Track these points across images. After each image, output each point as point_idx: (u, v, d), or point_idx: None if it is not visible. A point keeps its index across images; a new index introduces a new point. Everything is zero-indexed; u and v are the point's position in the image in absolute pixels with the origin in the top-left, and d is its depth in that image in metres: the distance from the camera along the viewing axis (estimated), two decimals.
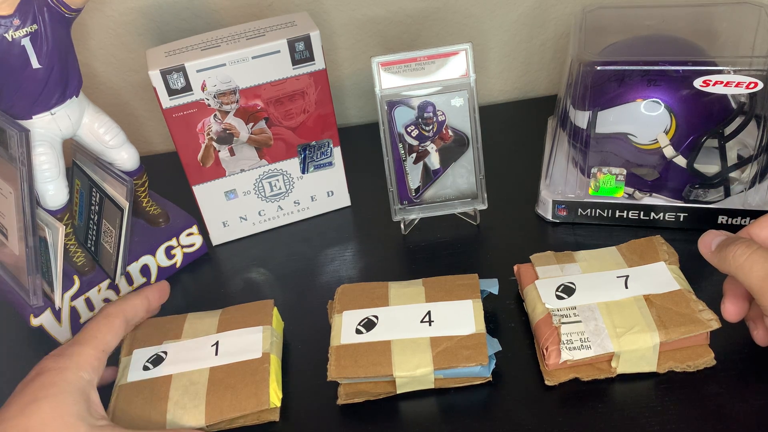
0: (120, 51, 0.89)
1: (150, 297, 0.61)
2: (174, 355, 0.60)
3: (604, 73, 0.68)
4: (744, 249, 0.51)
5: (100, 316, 0.56)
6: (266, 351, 0.59)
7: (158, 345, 0.61)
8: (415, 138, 0.71)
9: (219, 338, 0.61)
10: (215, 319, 0.63)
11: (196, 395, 0.57)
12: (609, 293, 0.60)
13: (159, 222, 0.76)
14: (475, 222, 0.76)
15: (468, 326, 0.59)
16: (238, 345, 0.60)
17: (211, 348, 0.60)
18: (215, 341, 0.60)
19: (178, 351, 0.60)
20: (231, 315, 0.63)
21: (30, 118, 0.64)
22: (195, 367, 0.59)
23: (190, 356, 0.59)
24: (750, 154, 0.69)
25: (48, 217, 0.67)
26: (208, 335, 0.61)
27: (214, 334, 0.61)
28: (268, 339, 0.60)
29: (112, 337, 0.55)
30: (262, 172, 0.76)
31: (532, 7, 0.91)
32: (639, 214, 0.72)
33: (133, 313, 0.59)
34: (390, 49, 0.92)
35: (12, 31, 0.59)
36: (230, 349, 0.60)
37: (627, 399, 0.56)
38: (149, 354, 0.60)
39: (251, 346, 0.60)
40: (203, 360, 0.59)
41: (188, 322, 0.63)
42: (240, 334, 0.61)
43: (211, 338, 0.61)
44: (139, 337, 0.62)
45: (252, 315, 0.63)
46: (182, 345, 0.61)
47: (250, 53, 0.68)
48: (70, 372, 0.50)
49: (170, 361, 0.59)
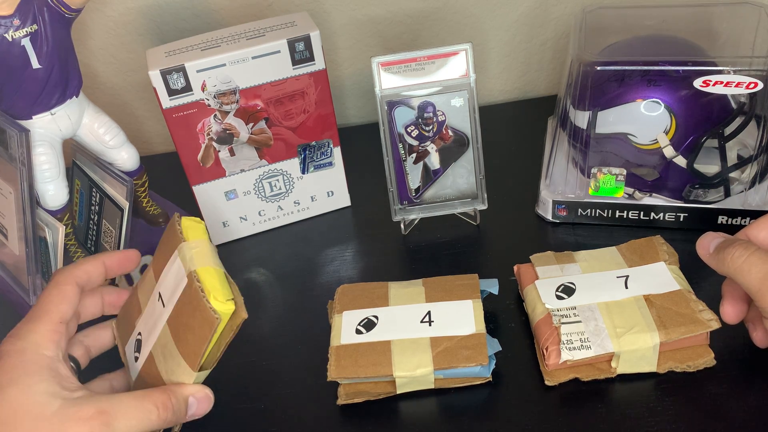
0: (120, 51, 0.89)
1: (107, 262, 0.57)
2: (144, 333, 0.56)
3: (604, 73, 0.68)
4: (742, 251, 0.51)
5: (51, 286, 0.53)
6: (189, 271, 0.53)
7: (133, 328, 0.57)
8: (415, 138, 0.71)
9: (158, 290, 0.56)
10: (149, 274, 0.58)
11: (172, 355, 0.53)
12: (609, 293, 0.60)
13: (159, 222, 0.76)
14: (475, 222, 0.76)
15: (468, 326, 0.59)
16: (169, 285, 0.55)
17: (158, 303, 0.55)
18: (158, 294, 0.56)
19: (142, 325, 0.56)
20: (156, 258, 0.58)
21: (30, 118, 0.64)
22: (158, 331, 0.54)
23: (152, 322, 0.55)
24: (750, 154, 0.69)
25: (48, 217, 0.67)
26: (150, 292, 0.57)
27: (154, 288, 0.56)
28: (185, 258, 0.54)
29: (66, 306, 0.52)
30: (262, 172, 0.76)
31: (532, 7, 0.91)
32: (639, 214, 0.72)
33: (85, 278, 0.55)
34: (390, 49, 0.92)
35: (12, 31, 0.59)
36: (166, 295, 0.55)
37: (627, 399, 0.56)
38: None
39: (175, 276, 0.54)
40: (159, 318, 0.55)
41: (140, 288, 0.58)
42: (166, 275, 0.56)
43: (155, 293, 0.56)
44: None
45: (166, 245, 0.57)
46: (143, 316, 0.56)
47: (250, 53, 0.68)
48: (29, 352, 0.49)
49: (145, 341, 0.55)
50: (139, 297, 0.58)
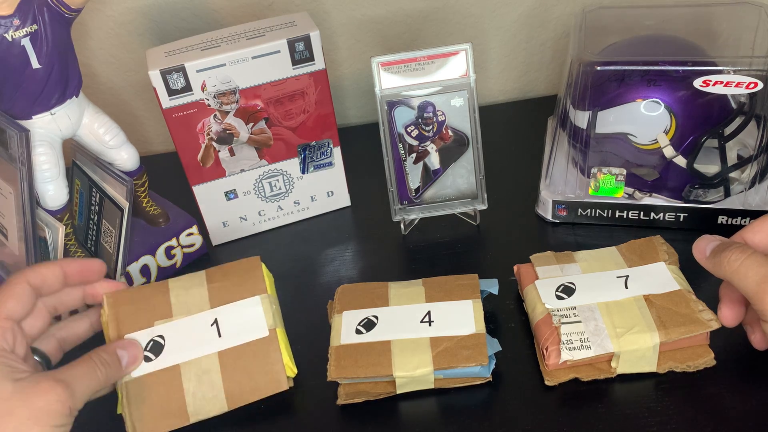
0: (120, 51, 0.89)
1: (66, 268, 0.57)
2: (173, 340, 0.58)
3: (604, 73, 0.68)
4: (738, 254, 0.51)
5: (2, 285, 0.55)
6: (271, 327, 0.58)
7: (150, 327, 0.58)
8: (415, 138, 0.71)
9: (216, 315, 0.59)
10: (203, 290, 0.60)
11: (213, 385, 0.57)
12: (609, 293, 0.60)
13: (159, 222, 0.76)
14: (475, 222, 0.76)
15: (468, 326, 0.59)
16: (239, 323, 0.58)
17: (212, 328, 0.58)
18: (213, 319, 0.58)
19: (176, 333, 0.58)
20: (219, 282, 0.60)
21: (30, 118, 0.64)
22: (201, 353, 0.57)
23: (191, 340, 0.58)
24: (750, 154, 0.69)
25: (48, 217, 0.67)
26: (202, 311, 0.59)
27: (209, 309, 0.59)
28: (269, 311, 0.59)
29: (14, 303, 0.53)
30: (262, 172, 0.76)
31: (532, 7, 0.91)
32: (639, 214, 0.72)
33: (39, 280, 0.56)
34: (390, 49, 0.92)
35: (12, 31, 0.59)
36: (233, 329, 0.58)
37: (627, 399, 0.57)
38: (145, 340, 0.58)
39: (254, 322, 0.58)
40: (208, 343, 0.58)
41: (174, 294, 0.59)
42: (238, 309, 0.59)
43: (208, 315, 0.59)
44: (124, 317, 0.58)
45: (242, 281, 0.60)
46: (176, 325, 0.58)
47: (250, 53, 0.68)
48: None
49: (172, 349, 0.57)
50: (172, 301, 0.59)
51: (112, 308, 0.58)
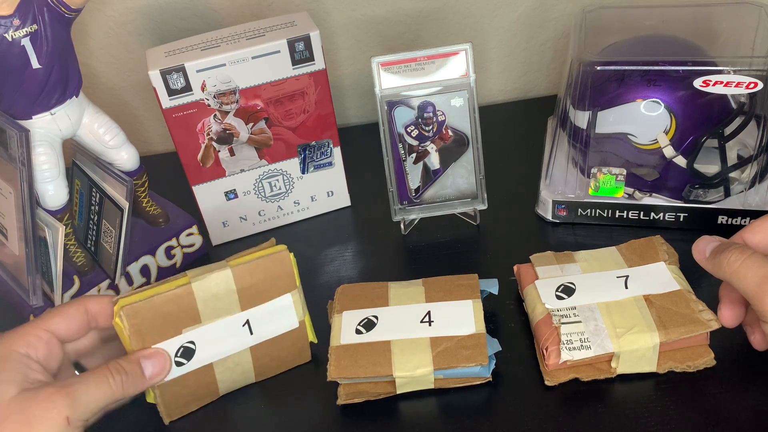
0: (120, 51, 0.89)
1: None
2: (204, 344, 0.57)
3: (604, 73, 0.68)
4: (738, 255, 0.51)
5: (62, 304, 0.56)
6: (301, 319, 0.61)
7: (179, 335, 0.56)
8: (415, 138, 0.71)
9: (248, 317, 0.58)
10: (233, 293, 0.57)
11: (244, 371, 0.61)
12: (609, 293, 0.60)
13: (159, 222, 0.76)
14: (475, 222, 0.76)
15: (468, 326, 0.59)
16: (271, 320, 0.59)
17: (243, 328, 0.59)
18: (245, 320, 0.58)
19: (207, 337, 0.57)
20: (249, 282, 0.58)
21: (30, 118, 0.64)
22: (233, 351, 0.59)
23: (223, 341, 0.58)
24: (750, 154, 0.69)
25: (48, 217, 0.67)
26: (231, 314, 0.58)
27: (239, 312, 0.58)
28: (299, 303, 0.61)
29: (61, 319, 0.54)
30: (262, 172, 0.76)
31: (532, 7, 0.91)
32: (639, 214, 0.72)
33: (97, 308, 0.56)
34: (390, 49, 0.92)
35: (12, 31, 0.59)
36: (264, 326, 0.59)
37: (627, 399, 0.56)
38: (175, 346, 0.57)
39: (285, 317, 0.60)
40: (240, 341, 0.59)
41: (200, 300, 0.56)
42: (269, 308, 0.59)
43: (238, 318, 0.58)
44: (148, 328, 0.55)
45: (273, 278, 0.59)
46: (208, 329, 0.57)
47: (250, 53, 0.68)
48: (2, 347, 0.51)
49: (203, 351, 0.57)
50: (199, 307, 0.56)
51: (131, 319, 0.54)
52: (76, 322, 0.54)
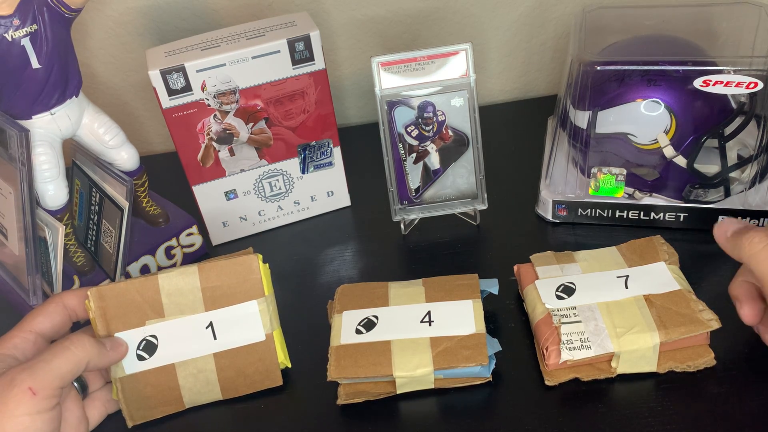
0: (120, 51, 0.89)
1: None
2: (166, 341, 0.58)
3: (604, 73, 0.68)
4: (762, 237, 0.51)
5: (43, 303, 0.58)
6: (268, 332, 0.59)
7: (142, 326, 0.57)
8: (415, 138, 0.71)
9: (211, 318, 0.58)
10: (197, 290, 0.58)
11: (208, 382, 0.59)
12: (609, 293, 0.60)
13: (159, 222, 0.76)
14: (475, 222, 0.76)
15: (468, 326, 0.59)
16: (235, 326, 0.58)
17: (207, 330, 0.58)
18: (208, 322, 0.58)
19: (170, 334, 0.58)
20: (214, 284, 0.58)
21: (30, 118, 0.64)
22: (195, 354, 0.58)
23: (185, 340, 0.58)
24: (750, 154, 0.69)
25: (48, 217, 0.67)
26: (195, 313, 0.58)
27: (203, 312, 0.58)
28: (266, 313, 0.59)
29: (43, 318, 0.56)
30: (262, 172, 0.76)
31: (532, 7, 0.91)
32: (639, 214, 0.72)
33: (75, 302, 0.58)
34: (390, 49, 0.92)
35: (12, 31, 0.59)
36: (228, 332, 0.58)
37: (627, 399, 0.56)
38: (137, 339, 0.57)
39: (250, 326, 0.59)
40: (202, 345, 0.58)
41: (165, 294, 0.57)
42: (233, 312, 0.58)
43: (202, 318, 0.58)
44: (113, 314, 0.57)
45: (239, 283, 0.59)
46: (171, 325, 0.58)
47: (250, 53, 0.68)
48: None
49: (165, 349, 0.57)
50: (163, 300, 0.58)
51: (98, 302, 0.56)
52: (58, 317, 0.57)
